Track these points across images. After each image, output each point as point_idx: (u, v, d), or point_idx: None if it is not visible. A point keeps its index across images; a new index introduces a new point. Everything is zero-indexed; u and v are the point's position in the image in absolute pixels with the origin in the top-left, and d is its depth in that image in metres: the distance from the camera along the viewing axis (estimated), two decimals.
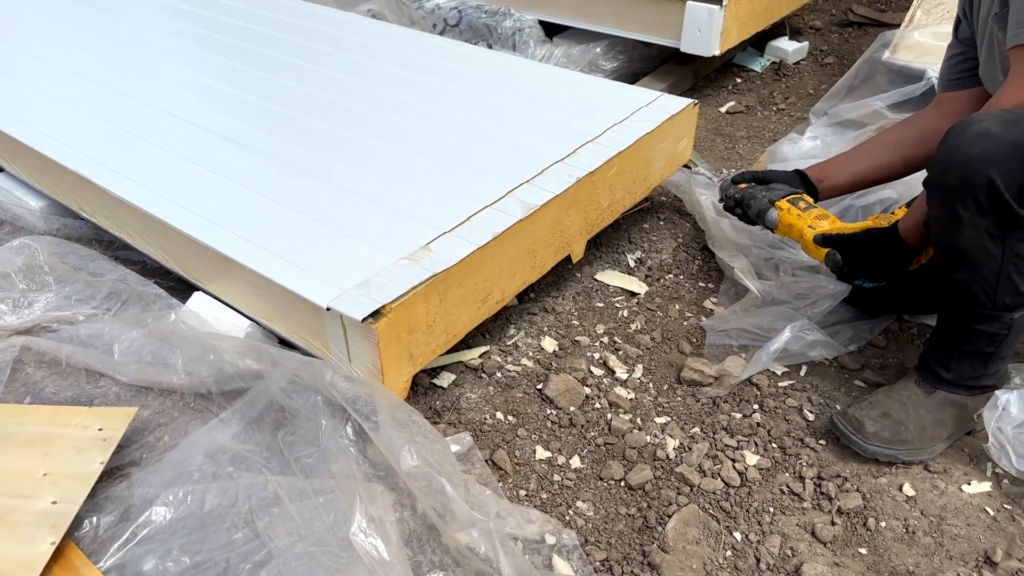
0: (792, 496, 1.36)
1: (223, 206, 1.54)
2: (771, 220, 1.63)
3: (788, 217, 1.61)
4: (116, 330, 1.55)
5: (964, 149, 1.21)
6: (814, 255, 1.59)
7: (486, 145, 1.71)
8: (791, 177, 1.73)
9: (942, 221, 1.28)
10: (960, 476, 1.39)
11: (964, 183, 1.21)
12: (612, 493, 1.36)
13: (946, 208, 1.26)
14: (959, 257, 1.28)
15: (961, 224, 1.24)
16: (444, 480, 1.09)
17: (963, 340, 1.36)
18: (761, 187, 1.69)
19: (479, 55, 2.23)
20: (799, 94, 2.78)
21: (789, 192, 1.65)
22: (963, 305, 1.33)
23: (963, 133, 1.22)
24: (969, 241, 1.25)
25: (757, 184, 1.71)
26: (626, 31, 2.71)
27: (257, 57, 2.21)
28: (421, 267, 1.33)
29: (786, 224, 1.62)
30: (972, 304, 1.32)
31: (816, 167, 1.74)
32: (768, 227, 1.65)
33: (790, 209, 1.61)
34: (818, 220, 1.59)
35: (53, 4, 2.68)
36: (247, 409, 1.39)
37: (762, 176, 1.74)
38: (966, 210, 1.23)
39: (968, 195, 1.21)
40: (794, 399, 1.53)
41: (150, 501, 1.24)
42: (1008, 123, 1.20)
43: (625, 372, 1.59)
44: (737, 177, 1.76)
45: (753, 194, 1.67)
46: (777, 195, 1.64)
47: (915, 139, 1.63)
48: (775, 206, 1.63)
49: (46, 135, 1.80)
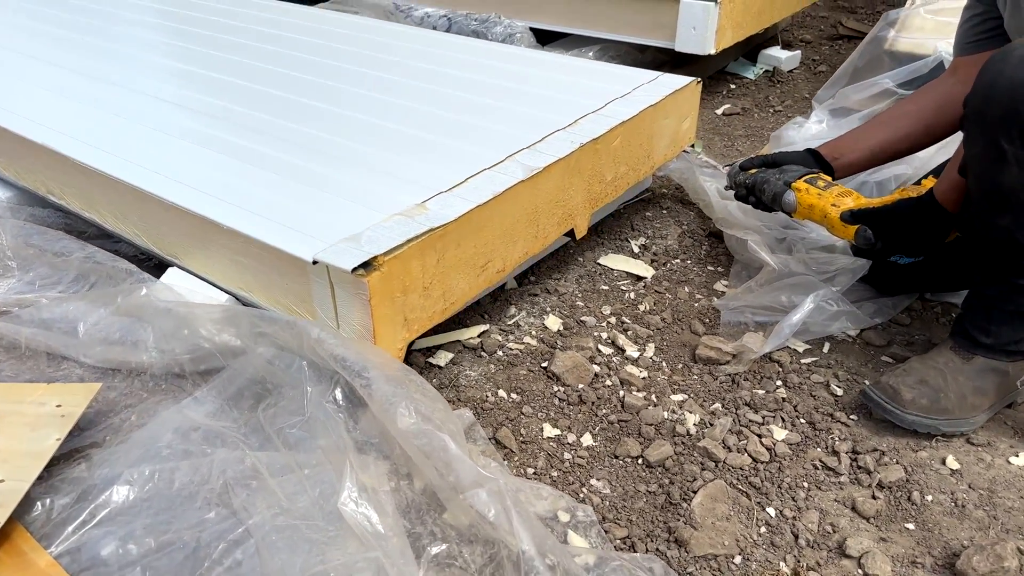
0: (827, 471, 1.23)
1: (202, 173, 1.43)
2: (789, 203, 1.51)
3: (808, 198, 1.49)
4: (82, 309, 1.42)
5: (1008, 75, 1.11)
6: (841, 234, 1.46)
7: (484, 117, 1.63)
8: (803, 157, 1.62)
9: (984, 159, 1.18)
10: (1006, 448, 1.28)
11: (1009, 112, 1.11)
12: (629, 471, 1.23)
13: (989, 143, 1.15)
14: (1002, 199, 1.18)
15: (1005, 160, 1.14)
16: (446, 436, 0.96)
17: (1004, 298, 1.26)
18: (773, 170, 1.58)
19: (472, 44, 2.16)
20: (795, 97, 2.74)
21: (805, 172, 1.54)
22: (1005, 256, 1.23)
23: (1006, 59, 1.12)
24: (1014, 179, 1.15)
25: (768, 168, 1.61)
26: (619, 35, 2.67)
27: (243, 49, 2.13)
28: (416, 222, 1.22)
29: (806, 205, 1.49)
30: (1015, 254, 1.21)
31: (829, 144, 1.64)
32: (786, 211, 1.53)
33: (808, 189, 1.50)
34: (841, 198, 1.47)
35: (29, 7, 2.60)
36: (225, 386, 1.26)
37: (772, 159, 1.63)
38: (1011, 143, 1.12)
39: (1014, 126, 1.11)
40: (819, 375, 1.42)
41: (111, 481, 1.10)
42: None
43: (636, 351, 1.48)
44: (745, 163, 1.64)
45: (766, 178, 1.55)
46: (792, 176, 1.53)
47: (934, 107, 1.54)
48: (792, 188, 1.51)
49: (11, 112, 1.70)
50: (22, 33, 2.33)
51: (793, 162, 1.60)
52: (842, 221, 1.43)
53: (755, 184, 1.57)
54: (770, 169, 1.59)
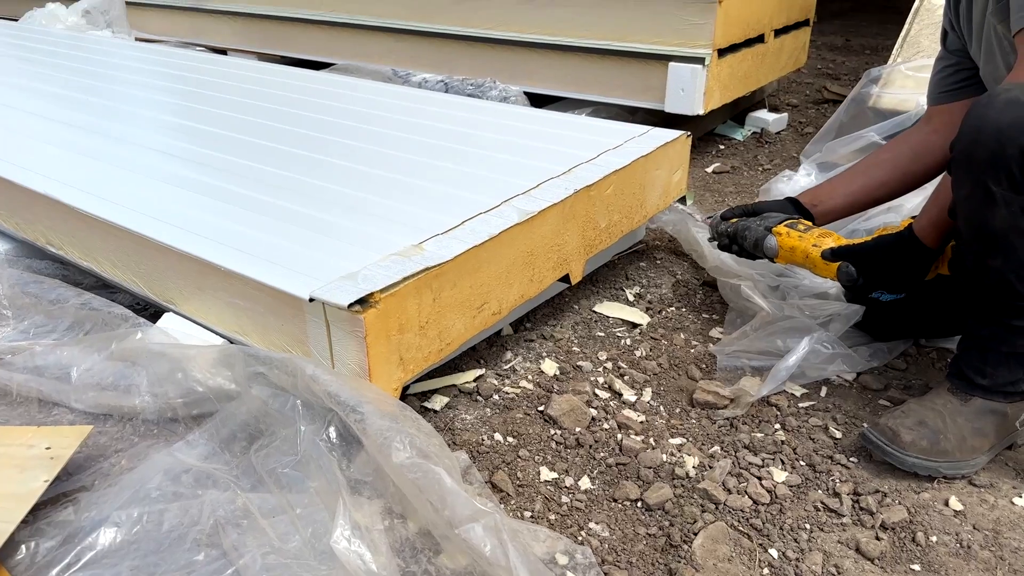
0: (829, 512, 1.21)
1: (200, 219, 1.44)
2: (771, 247, 1.54)
3: (789, 240, 1.52)
4: (75, 355, 1.41)
5: (993, 119, 1.13)
6: (824, 273, 1.49)
7: (480, 167, 1.66)
8: (783, 205, 1.65)
9: (972, 201, 1.19)
10: (1009, 490, 1.26)
11: (995, 156, 1.12)
12: (628, 514, 1.21)
13: (976, 185, 1.17)
14: (992, 241, 1.19)
15: (994, 202, 1.15)
16: (441, 470, 0.95)
17: (999, 340, 1.25)
18: (754, 218, 1.60)
19: (468, 102, 2.22)
20: (783, 157, 2.80)
21: (785, 218, 1.57)
22: (997, 298, 1.23)
23: (991, 104, 1.15)
24: (1003, 221, 1.16)
25: (749, 216, 1.63)
26: (611, 97, 2.75)
27: (242, 107, 2.19)
28: (413, 262, 1.23)
29: (788, 248, 1.52)
30: (1007, 295, 1.22)
31: (808, 192, 1.67)
32: (768, 256, 1.56)
33: (789, 232, 1.52)
34: (821, 238, 1.50)
35: (30, 68, 2.68)
36: (218, 429, 1.24)
37: (753, 208, 1.66)
38: (999, 185, 1.14)
39: (1000, 169, 1.13)
40: (817, 418, 1.41)
41: (99, 523, 1.08)
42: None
43: (633, 395, 1.47)
44: (727, 213, 1.67)
45: (747, 225, 1.58)
46: (773, 221, 1.56)
47: (910, 155, 1.58)
48: (772, 232, 1.54)
49: (13, 164, 1.72)
50: (23, 92, 2.39)
51: (773, 210, 1.62)
52: (823, 259, 1.45)
53: (736, 232, 1.59)
54: (751, 217, 1.62)
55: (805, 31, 3.22)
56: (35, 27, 3.73)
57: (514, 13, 2.84)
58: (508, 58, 2.94)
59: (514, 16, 2.85)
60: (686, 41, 2.50)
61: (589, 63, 2.74)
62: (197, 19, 4.06)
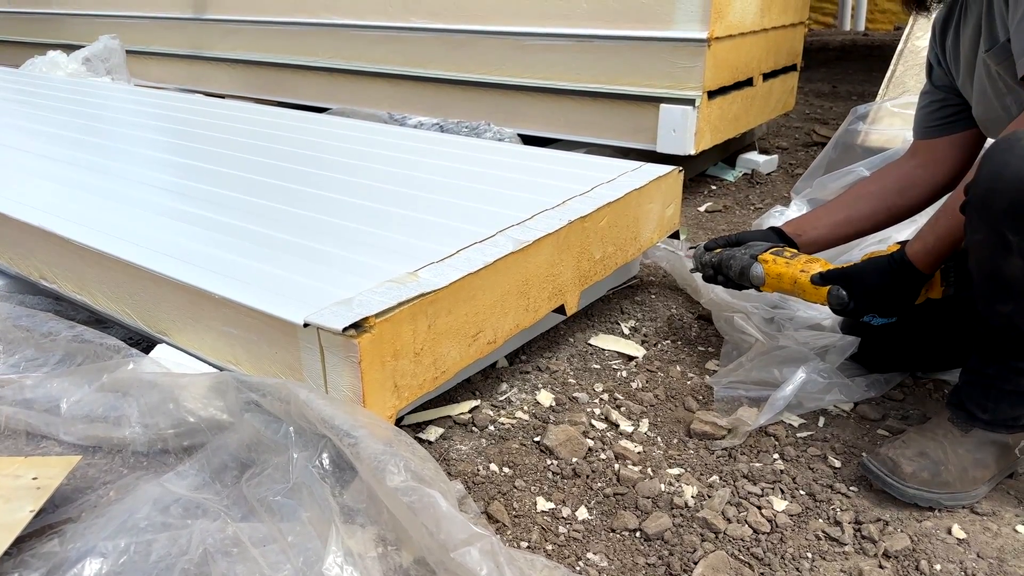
0: (831, 541, 1.19)
1: (194, 249, 1.44)
2: (757, 276, 1.49)
3: (775, 267, 1.48)
4: (65, 387, 1.39)
5: (1014, 166, 1.08)
6: (813, 299, 1.45)
7: (476, 200, 1.67)
8: (767, 235, 1.62)
9: (987, 247, 1.16)
10: (1012, 518, 1.24)
11: (1014, 204, 1.09)
12: (627, 544, 1.18)
13: (992, 232, 1.14)
14: (1004, 287, 1.16)
15: (1009, 251, 1.12)
16: (436, 493, 0.93)
17: (1003, 379, 1.23)
18: (738, 247, 1.57)
19: (464, 140, 2.25)
20: (774, 196, 2.84)
21: (770, 246, 1.54)
22: (1005, 341, 1.21)
23: (1012, 149, 1.10)
24: (1016, 270, 1.13)
25: (732, 246, 1.60)
26: (603, 139, 2.79)
27: (239, 145, 2.21)
28: (408, 288, 1.23)
29: (775, 275, 1.48)
30: (1016, 340, 1.20)
31: (792, 223, 1.65)
32: (755, 284, 1.51)
33: (775, 260, 1.49)
34: (809, 264, 1.46)
35: (29, 111, 2.70)
36: (209, 459, 1.22)
37: (736, 238, 1.62)
38: (1016, 235, 1.10)
39: (1020, 218, 1.09)
40: (816, 448, 1.40)
41: (85, 554, 1.05)
42: None
43: (630, 426, 1.45)
44: (710, 243, 1.63)
45: (732, 254, 1.54)
46: (758, 250, 1.52)
47: (896, 189, 1.58)
48: (758, 260, 1.50)
49: (8, 199, 1.73)
50: (21, 132, 2.41)
51: (757, 239, 1.60)
52: (813, 283, 1.43)
53: (721, 262, 1.56)
54: (735, 247, 1.59)
55: (793, 76, 3.30)
56: (36, 74, 3.79)
57: (508, 58, 2.90)
58: (502, 101, 2.99)
59: (508, 61, 2.91)
60: (676, 84, 2.55)
61: (582, 105, 2.79)
62: (195, 66, 4.13)
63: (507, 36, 2.89)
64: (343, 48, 3.41)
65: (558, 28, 2.76)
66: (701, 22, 2.46)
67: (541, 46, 2.81)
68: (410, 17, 3.15)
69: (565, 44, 2.75)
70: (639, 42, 2.59)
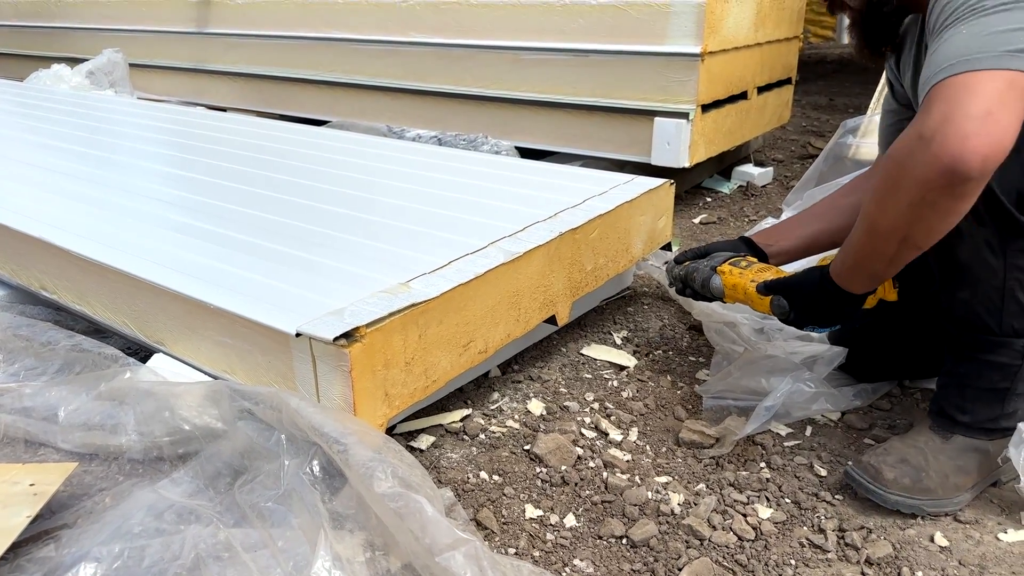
0: (814, 548, 1.21)
1: (192, 261, 1.47)
2: (716, 287, 1.49)
3: (731, 278, 1.47)
4: (63, 395, 1.42)
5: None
6: (760, 308, 1.43)
7: (468, 212, 1.70)
8: (735, 245, 1.61)
9: None
10: (994, 525, 1.26)
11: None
12: (613, 550, 1.20)
13: None
14: (959, 273, 1.23)
15: (960, 235, 1.18)
16: (422, 499, 0.95)
17: (975, 375, 1.27)
18: (703, 259, 1.57)
19: (459, 153, 2.28)
20: (768, 208, 2.86)
21: (730, 256, 1.54)
22: (969, 332, 1.26)
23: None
24: (968, 253, 1.20)
25: (699, 258, 1.59)
26: (599, 151, 2.82)
27: (236, 158, 2.24)
28: (399, 298, 1.25)
29: (730, 286, 1.47)
30: (978, 330, 1.24)
31: (763, 232, 1.65)
32: (716, 296, 1.51)
33: (731, 271, 1.48)
34: (760, 273, 1.45)
35: (32, 123, 2.74)
36: (203, 466, 1.24)
37: (704, 250, 1.62)
38: (964, 219, 1.14)
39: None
40: (803, 457, 1.42)
41: (79, 559, 1.07)
42: None
43: (619, 435, 1.47)
44: (679, 256, 1.63)
45: (696, 267, 1.54)
46: (718, 261, 1.52)
47: None
48: (717, 271, 1.50)
49: (9, 210, 1.76)
50: (23, 144, 2.45)
51: (724, 250, 1.59)
52: (758, 293, 1.42)
53: (687, 274, 1.56)
54: (701, 259, 1.59)
55: (788, 89, 3.33)
56: (40, 87, 3.83)
57: (505, 72, 2.94)
58: (499, 114, 3.03)
59: (505, 75, 2.94)
60: (670, 97, 2.58)
61: (578, 118, 2.82)
62: (198, 79, 4.18)
63: (505, 51, 2.93)
64: (343, 62, 3.45)
65: (555, 43, 2.79)
66: (694, 37, 2.49)
67: (538, 60, 2.85)
68: (409, 32, 3.19)
69: (562, 58, 2.79)
70: (634, 56, 2.62)
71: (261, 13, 3.72)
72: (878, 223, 1.16)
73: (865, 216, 1.20)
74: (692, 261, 1.59)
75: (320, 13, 3.47)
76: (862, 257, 1.24)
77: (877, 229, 1.17)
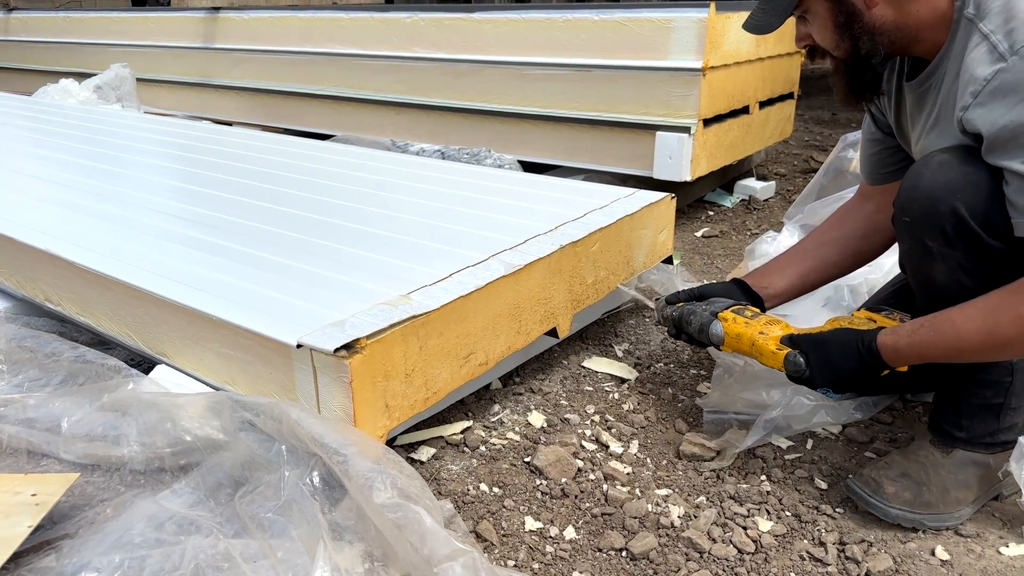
0: (814, 561, 1.21)
1: (195, 273, 1.48)
2: (716, 335, 1.42)
3: (735, 327, 1.40)
4: (66, 406, 1.42)
5: (927, 178, 1.18)
6: (770, 362, 1.35)
7: (470, 225, 1.71)
8: (729, 288, 1.55)
9: (913, 256, 1.24)
10: (995, 540, 1.25)
11: (930, 212, 1.17)
12: (613, 563, 1.20)
13: (915, 242, 1.22)
14: (936, 294, 1.22)
15: (932, 257, 1.20)
16: (421, 510, 0.95)
17: (968, 392, 1.27)
18: (699, 303, 1.50)
19: (461, 167, 2.30)
20: (771, 222, 2.87)
21: (732, 303, 1.46)
22: None
23: (927, 164, 1.20)
24: (943, 276, 1.21)
25: (694, 301, 1.52)
26: (601, 165, 2.83)
27: (241, 172, 2.26)
28: (400, 310, 1.26)
29: (734, 335, 1.40)
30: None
31: (755, 274, 1.59)
32: (714, 343, 1.43)
33: (736, 319, 1.41)
34: (769, 326, 1.38)
35: (39, 137, 2.77)
36: (204, 477, 1.25)
37: (698, 292, 1.55)
38: (934, 241, 1.18)
39: (935, 226, 1.17)
40: (803, 470, 1.42)
41: (80, 569, 1.08)
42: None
43: (620, 447, 1.48)
44: (671, 297, 1.56)
45: (692, 310, 1.47)
46: (719, 307, 1.45)
47: (860, 235, 1.55)
48: (718, 318, 1.43)
49: (15, 222, 1.78)
50: (30, 158, 2.47)
51: (719, 294, 1.53)
52: (781, 345, 1.33)
53: (681, 317, 1.49)
54: (696, 302, 1.52)
55: (790, 103, 3.34)
56: (48, 101, 3.87)
57: (508, 87, 2.96)
58: (502, 128, 3.05)
59: (508, 89, 2.97)
60: (672, 111, 2.60)
61: (580, 133, 2.84)
62: (204, 94, 4.22)
63: (508, 66, 2.95)
64: (348, 77, 3.48)
65: (558, 58, 2.82)
66: (696, 52, 2.51)
67: (541, 75, 2.87)
68: (414, 47, 3.22)
69: (564, 73, 2.81)
70: (636, 71, 2.64)
71: (267, 29, 3.75)
72: (974, 351, 1.17)
73: (959, 338, 1.16)
74: (687, 303, 1.52)
75: (325, 29, 3.51)
76: (936, 356, 1.21)
77: (970, 351, 1.17)
